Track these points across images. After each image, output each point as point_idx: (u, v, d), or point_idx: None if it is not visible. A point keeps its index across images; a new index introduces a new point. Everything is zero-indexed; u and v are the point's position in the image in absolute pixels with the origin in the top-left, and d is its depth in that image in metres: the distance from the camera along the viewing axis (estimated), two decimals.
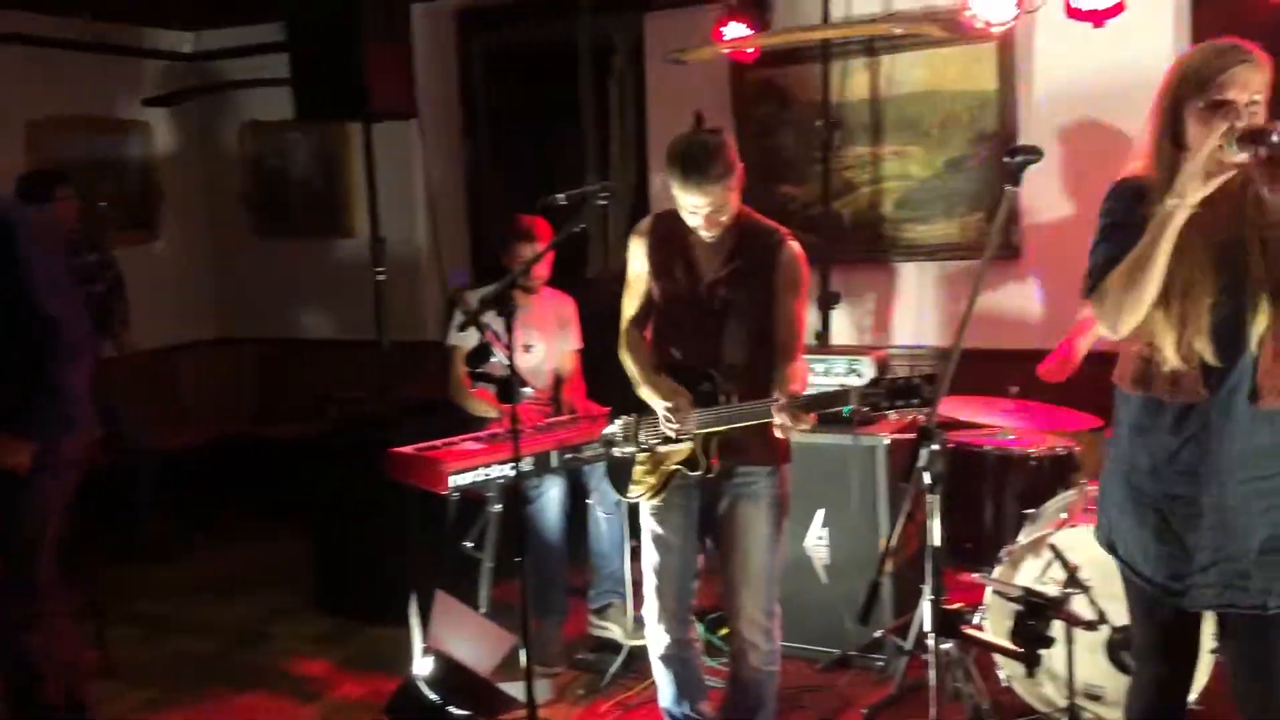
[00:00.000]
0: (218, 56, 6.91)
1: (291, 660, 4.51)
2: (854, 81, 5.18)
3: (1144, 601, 2.47)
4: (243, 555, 5.85)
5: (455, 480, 3.78)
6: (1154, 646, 2.51)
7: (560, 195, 3.42)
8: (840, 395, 2.77)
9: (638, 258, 3.22)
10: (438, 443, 3.99)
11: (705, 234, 3.02)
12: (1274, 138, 2.00)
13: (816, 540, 4.11)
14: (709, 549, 3.32)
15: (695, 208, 2.96)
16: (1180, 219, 2.13)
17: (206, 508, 6.23)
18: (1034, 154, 2.31)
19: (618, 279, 3.37)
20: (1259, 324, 2.19)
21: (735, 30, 4.92)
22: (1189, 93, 2.22)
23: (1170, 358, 2.25)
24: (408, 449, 3.96)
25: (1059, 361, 4.19)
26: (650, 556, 3.21)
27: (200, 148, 7.21)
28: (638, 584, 3.76)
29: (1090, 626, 2.91)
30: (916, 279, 5.30)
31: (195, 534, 6.05)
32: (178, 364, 6.99)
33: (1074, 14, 4.32)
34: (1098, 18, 4.30)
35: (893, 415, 3.94)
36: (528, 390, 4.17)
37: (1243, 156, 2.04)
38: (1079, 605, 3.18)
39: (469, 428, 4.23)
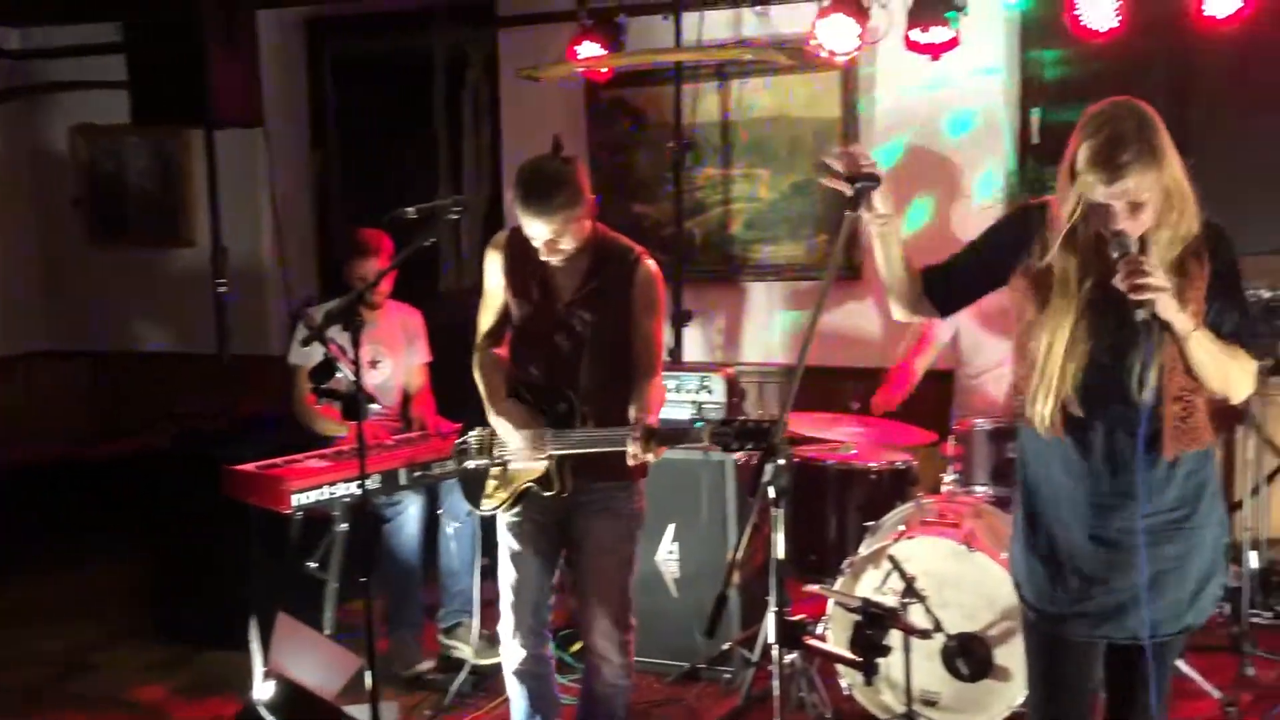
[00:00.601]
0: (47, 55, 6.57)
1: (126, 688, 4.31)
2: (706, 104, 5.29)
3: (1031, 630, 2.51)
4: (75, 579, 5.54)
5: (299, 499, 3.68)
6: (1041, 678, 2.52)
7: (410, 209, 3.37)
8: (693, 432, 2.80)
9: (494, 271, 3.19)
10: (280, 460, 3.88)
11: (547, 258, 3.03)
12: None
13: (667, 554, 4.16)
14: (564, 564, 3.32)
15: (539, 235, 2.96)
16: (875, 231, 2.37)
17: (36, 529, 5.89)
18: (872, 181, 2.33)
19: (471, 293, 3.35)
20: (1152, 372, 2.23)
21: (589, 49, 4.96)
22: None
23: (1032, 405, 2.33)
24: (249, 467, 3.83)
25: (895, 389, 4.37)
26: (507, 572, 3.19)
27: (28, 150, 6.84)
28: (487, 602, 3.74)
29: (925, 635, 3.03)
30: (765, 298, 5.44)
31: (24, 557, 5.71)
32: (5, 378, 6.60)
33: (912, 46, 4.51)
34: (934, 51, 4.50)
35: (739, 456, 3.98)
36: (375, 406, 4.08)
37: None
38: (916, 615, 3.30)
39: (314, 445, 4.13)
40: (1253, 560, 4.09)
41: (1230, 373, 2.23)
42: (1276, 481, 4.54)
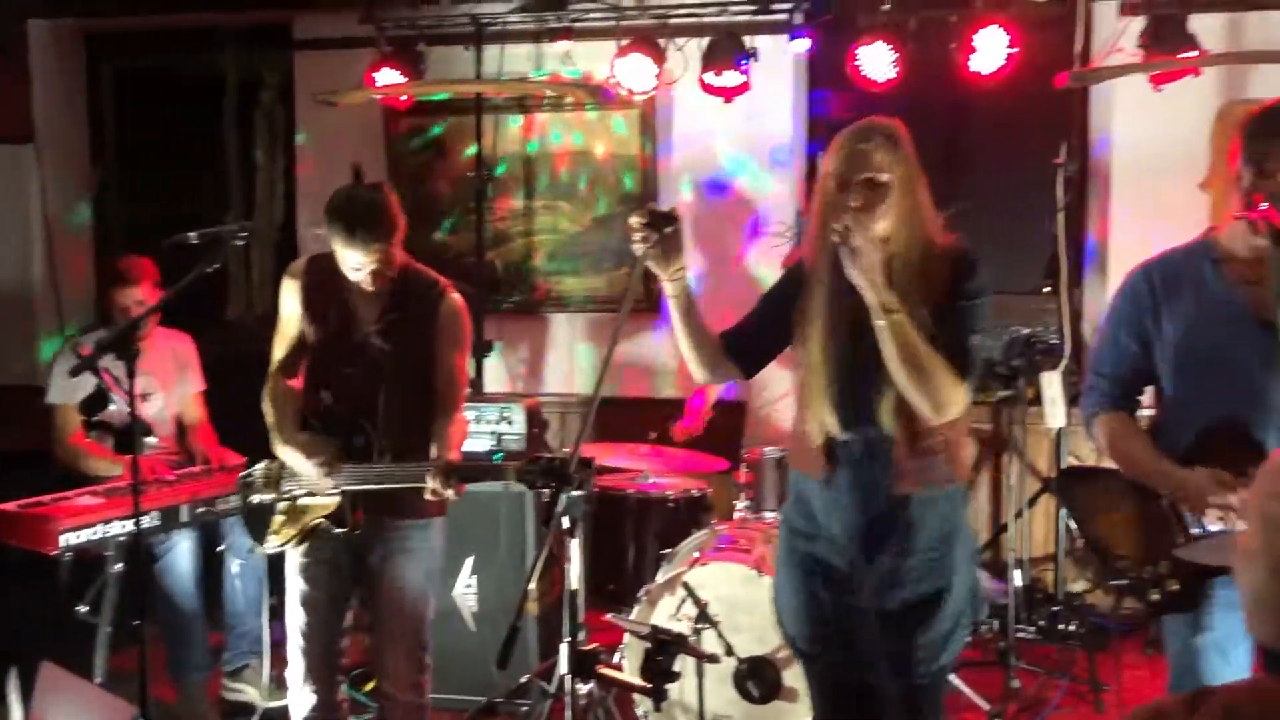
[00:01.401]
0: None
1: None
2: (508, 136, 5.31)
3: (804, 665, 2.56)
4: None
5: (67, 539, 3.44)
6: (821, 708, 2.55)
7: (192, 234, 3.23)
8: (498, 470, 2.78)
9: (289, 300, 3.09)
10: (47, 498, 3.63)
11: (368, 288, 2.97)
12: None
13: (465, 588, 4.11)
14: (358, 603, 3.22)
15: (360, 265, 2.89)
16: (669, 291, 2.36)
17: None
18: (669, 222, 2.31)
19: (261, 321, 3.24)
20: (886, 401, 2.28)
21: (388, 76, 4.91)
22: None
23: (801, 427, 2.40)
24: (10, 505, 3.56)
25: (692, 418, 4.49)
26: (296, 614, 3.06)
27: None
28: (277, 643, 3.59)
29: (713, 660, 3.09)
30: (567, 329, 5.48)
31: None
32: None
33: (707, 89, 4.68)
34: (728, 94, 4.69)
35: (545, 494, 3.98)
36: (151, 440, 3.87)
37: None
38: (709, 640, 3.37)
39: (86, 481, 3.88)
40: (1017, 579, 4.37)
41: (931, 381, 2.19)
42: (1038, 505, 4.88)
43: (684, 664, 3.27)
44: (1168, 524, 2.40)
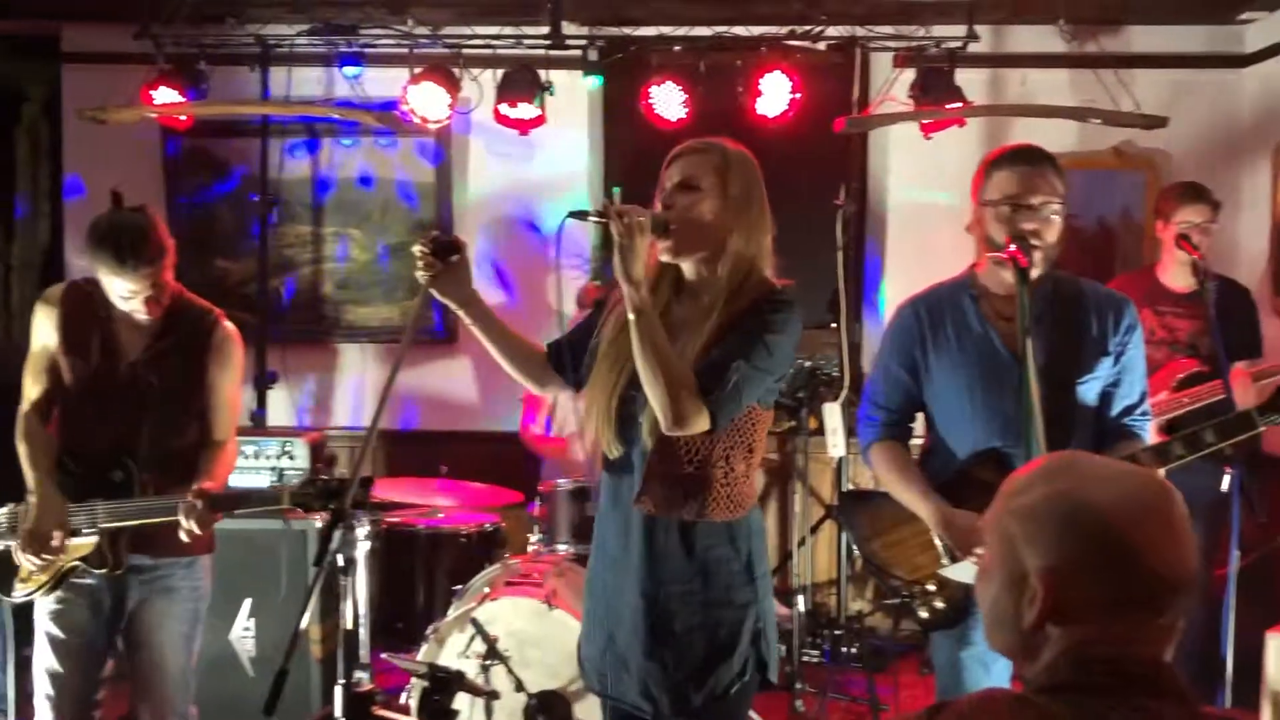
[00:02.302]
0: None
1: None
2: (295, 160, 5.15)
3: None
4: None
5: None
6: None
7: None
8: (272, 495, 2.69)
9: (45, 330, 2.89)
10: None
11: (142, 317, 2.81)
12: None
13: (243, 631, 3.92)
14: (118, 650, 3.02)
15: (131, 293, 2.75)
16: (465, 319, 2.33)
17: None
18: (453, 250, 2.28)
19: (21, 351, 3.01)
20: (647, 418, 2.22)
21: (166, 95, 4.67)
22: None
23: (583, 446, 2.40)
24: None
25: (532, 415, 4.44)
26: (46, 663, 2.84)
27: None
28: (28, 696, 3.32)
29: (493, 696, 3.04)
30: (358, 360, 5.34)
31: None
32: None
33: (502, 120, 4.67)
34: (523, 126, 4.69)
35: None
36: None
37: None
38: (498, 676, 3.32)
39: None
40: (801, 604, 4.51)
41: (669, 389, 2.11)
42: (821, 531, 5.06)
43: (474, 702, 3.23)
44: (934, 545, 2.54)
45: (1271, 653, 3.37)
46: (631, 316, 2.13)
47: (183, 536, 2.67)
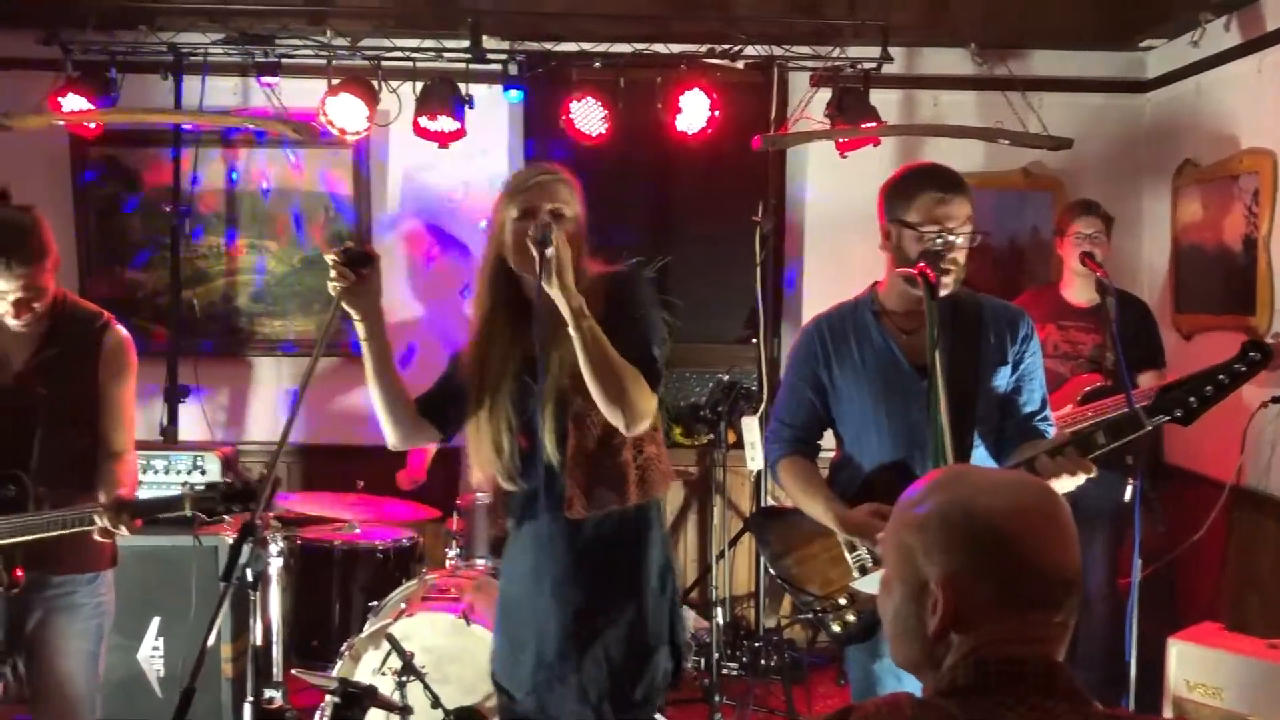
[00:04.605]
0: None
1: None
2: (209, 170, 5.06)
3: (503, 713, 2.54)
4: None
5: None
6: None
7: None
8: (175, 501, 2.63)
9: None
10: None
11: (13, 322, 2.73)
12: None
13: (151, 651, 3.82)
14: (17, 673, 2.92)
15: (4, 293, 2.67)
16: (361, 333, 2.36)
17: None
18: (365, 262, 2.30)
19: None
20: (549, 433, 2.31)
21: (74, 102, 4.56)
22: None
23: (476, 469, 2.41)
24: None
25: (415, 466, 4.40)
26: None
27: None
28: None
29: (406, 711, 3.01)
30: (274, 373, 5.25)
31: None
32: None
33: (421, 133, 4.65)
34: (443, 139, 4.67)
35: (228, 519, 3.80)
36: None
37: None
38: (414, 693, 3.29)
39: None
40: (720, 616, 4.53)
41: (626, 389, 2.24)
42: (740, 544, 5.10)
43: (388, 718, 3.19)
44: (844, 560, 2.58)
45: (1173, 658, 3.48)
46: (574, 325, 2.19)
47: (99, 538, 2.61)
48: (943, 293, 2.41)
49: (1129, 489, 3.37)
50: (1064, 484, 2.26)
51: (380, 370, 2.39)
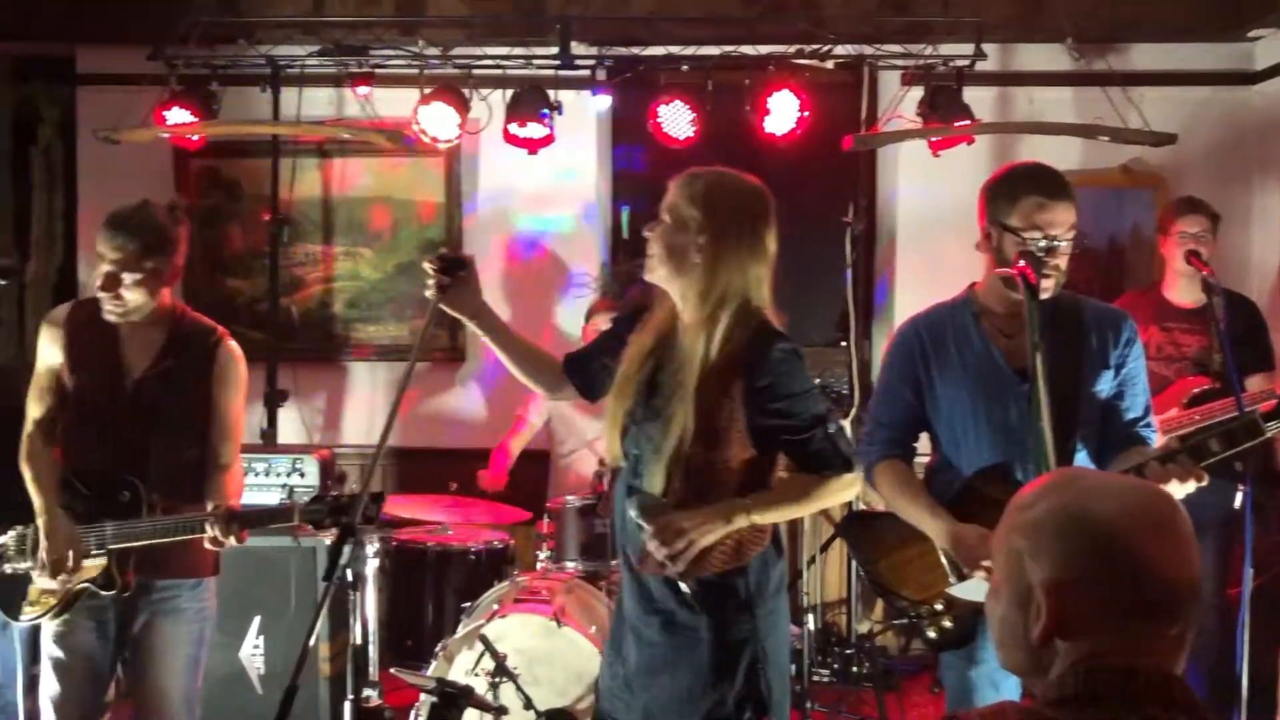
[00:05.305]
0: None
1: None
2: (305, 180, 5.18)
3: None
4: None
5: None
6: None
7: None
8: (283, 512, 2.69)
9: (50, 349, 2.90)
10: None
11: (108, 306, 2.78)
12: None
13: (253, 649, 3.91)
14: (122, 671, 3.01)
15: (106, 260, 2.74)
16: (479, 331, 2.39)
17: None
18: (460, 266, 2.37)
19: (33, 370, 3.02)
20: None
21: (178, 116, 4.71)
22: None
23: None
24: None
25: (497, 470, 4.44)
26: (50, 686, 2.84)
27: None
28: (34, 716, 3.32)
29: (501, 711, 3.04)
30: (368, 378, 5.35)
31: None
32: None
33: (511, 140, 4.69)
34: (532, 145, 4.71)
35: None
36: None
37: None
38: (507, 694, 3.31)
39: None
40: (810, 623, 4.49)
41: (810, 504, 2.27)
42: (831, 550, 5.04)
43: (482, 718, 3.22)
44: (940, 564, 2.53)
45: None
46: (737, 522, 2.19)
47: (209, 546, 2.67)
48: (1043, 296, 2.35)
49: (1239, 495, 3.25)
50: (1174, 491, 2.19)
51: (508, 350, 2.46)
